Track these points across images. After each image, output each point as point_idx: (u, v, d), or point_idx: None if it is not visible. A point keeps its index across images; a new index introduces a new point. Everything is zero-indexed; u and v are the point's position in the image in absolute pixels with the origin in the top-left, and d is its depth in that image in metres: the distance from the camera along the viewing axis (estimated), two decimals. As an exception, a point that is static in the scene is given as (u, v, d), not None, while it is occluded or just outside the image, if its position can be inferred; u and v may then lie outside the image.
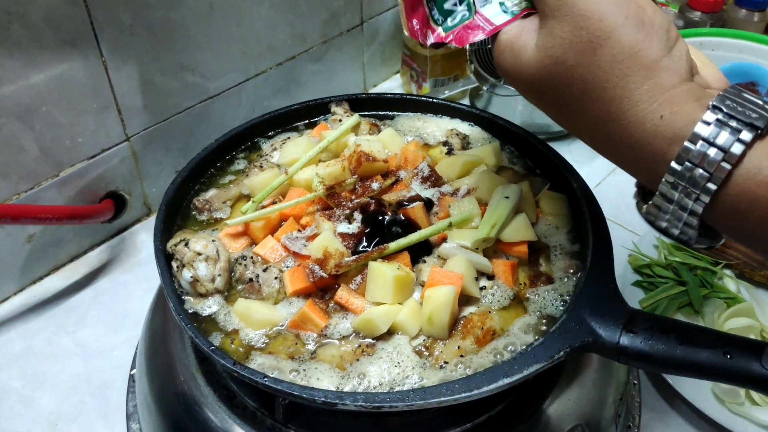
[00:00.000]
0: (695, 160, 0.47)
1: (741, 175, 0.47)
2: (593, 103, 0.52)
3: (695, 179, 0.48)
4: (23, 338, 1.00)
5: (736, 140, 0.46)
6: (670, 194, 0.50)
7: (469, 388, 0.59)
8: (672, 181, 0.49)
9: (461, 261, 0.72)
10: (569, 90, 0.53)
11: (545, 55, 0.53)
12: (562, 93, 0.53)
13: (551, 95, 0.55)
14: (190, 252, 0.74)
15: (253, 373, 0.62)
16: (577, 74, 0.52)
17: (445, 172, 0.85)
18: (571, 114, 0.55)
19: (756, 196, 0.46)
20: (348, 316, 0.71)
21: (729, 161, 0.46)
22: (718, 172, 0.47)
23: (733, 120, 0.47)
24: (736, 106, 0.47)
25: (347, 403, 0.59)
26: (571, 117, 0.55)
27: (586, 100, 0.52)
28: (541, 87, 0.55)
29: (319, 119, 0.98)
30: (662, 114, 0.49)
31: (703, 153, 0.47)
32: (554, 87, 0.53)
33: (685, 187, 0.48)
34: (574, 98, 0.53)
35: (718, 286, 1.00)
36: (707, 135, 0.47)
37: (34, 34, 0.90)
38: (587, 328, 0.63)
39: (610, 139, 0.52)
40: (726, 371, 0.57)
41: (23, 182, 0.98)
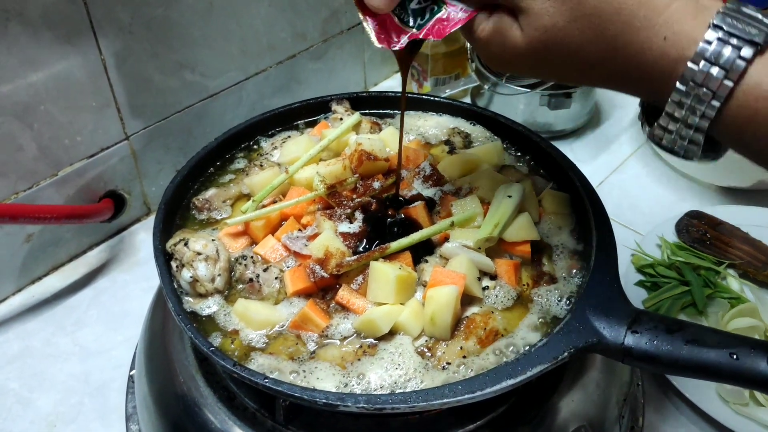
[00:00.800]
0: (699, 80, 0.49)
1: (742, 90, 0.48)
2: (596, 48, 0.53)
3: (700, 97, 0.49)
4: (21, 338, 0.99)
5: (738, 57, 0.48)
6: (677, 113, 0.51)
7: (472, 389, 0.58)
8: (678, 100, 0.50)
9: (464, 261, 0.71)
10: (567, 48, 0.54)
11: (534, 29, 0.54)
12: (560, 54, 0.55)
13: (549, 61, 0.56)
14: (189, 252, 0.73)
15: (254, 375, 0.61)
16: (570, 32, 0.53)
17: (447, 171, 0.85)
18: (574, 68, 0.56)
19: (755, 110, 0.48)
20: (349, 316, 0.70)
21: (731, 78, 0.48)
22: (721, 89, 0.48)
23: (733, 38, 0.48)
24: (736, 23, 0.49)
25: (349, 405, 0.58)
26: (574, 71, 0.56)
27: (587, 49, 0.53)
28: (538, 58, 0.56)
29: (319, 118, 0.97)
30: (665, 35, 0.50)
31: (707, 72, 0.48)
32: (551, 53, 0.55)
33: (690, 105, 0.50)
34: (573, 54, 0.54)
35: (722, 286, 0.99)
36: (709, 54, 0.48)
37: (32, 32, 0.89)
38: (591, 329, 0.63)
39: (617, 74, 0.54)
40: (733, 372, 0.57)
41: (22, 181, 0.98)
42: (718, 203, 1.19)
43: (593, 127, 1.39)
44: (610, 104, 1.44)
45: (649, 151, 1.32)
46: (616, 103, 1.44)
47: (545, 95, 1.27)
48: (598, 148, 1.34)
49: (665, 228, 1.10)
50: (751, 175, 1.16)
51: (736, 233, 1.08)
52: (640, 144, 1.34)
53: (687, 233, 1.07)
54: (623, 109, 1.43)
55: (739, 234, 1.07)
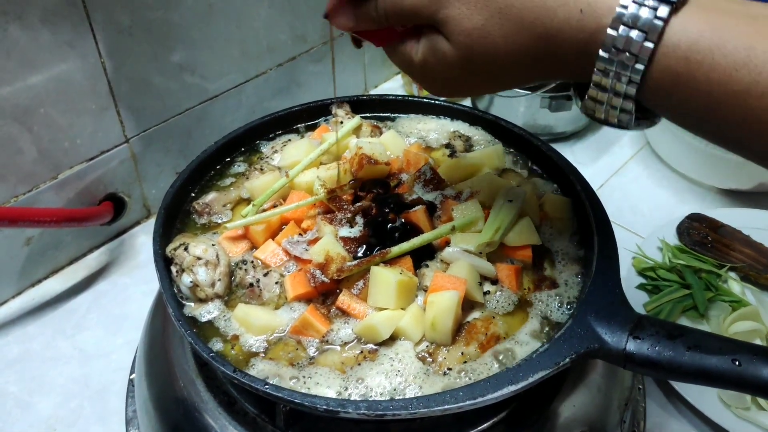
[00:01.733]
0: (620, 45, 0.49)
1: (663, 52, 0.48)
2: (519, 39, 0.53)
3: (623, 62, 0.49)
4: (21, 342, 0.99)
5: (654, 18, 0.48)
6: (604, 82, 0.51)
7: (473, 395, 0.58)
8: (603, 68, 0.50)
9: (464, 265, 0.71)
10: (494, 47, 0.55)
11: (458, 35, 0.55)
12: (490, 55, 0.55)
13: (485, 66, 0.57)
14: (189, 256, 0.73)
15: (254, 380, 0.61)
16: (491, 29, 0.54)
17: (448, 174, 0.84)
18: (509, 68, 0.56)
19: (677, 73, 0.48)
20: (350, 321, 0.70)
21: (651, 40, 0.48)
22: (642, 52, 0.48)
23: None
24: None
25: (349, 411, 0.58)
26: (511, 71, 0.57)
27: (512, 43, 0.54)
28: (473, 65, 0.57)
29: (319, 121, 0.97)
30: (581, 8, 0.51)
31: (626, 36, 0.49)
32: (482, 56, 0.56)
33: (615, 72, 0.50)
34: (501, 51, 0.54)
35: (723, 290, 0.99)
36: (627, 18, 0.48)
37: (31, 35, 0.89)
38: (593, 334, 0.62)
39: (547, 61, 0.54)
40: (735, 379, 0.56)
41: (21, 185, 0.97)
42: (719, 206, 1.19)
43: (594, 129, 1.38)
44: (611, 106, 1.44)
45: (649, 154, 1.32)
46: (616, 105, 1.44)
47: (546, 97, 1.27)
48: (599, 151, 1.34)
49: (666, 231, 1.09)
50: (752, 177, 1.16)
51: (737, 236, 1.07)
52: (641, 146, 1.34)
53: (688, 236, 1.07)
54: (624, 111, 1.42)
55: (740, 237, 1.07)
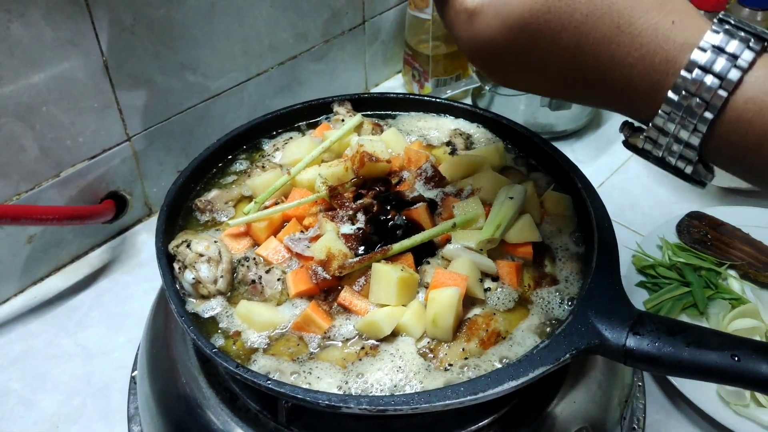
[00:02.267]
0: (706, 67, 0.47)
1: (750, 83, 0.47)
2: (600, 21, 0.50)
3: (705, 88, 0.47)
4: (24, 339, 0.99)
5: (746, 48, 0.47)
6: (675, 110, 0.49)
7: (474, 391, 0.58)
8: (679, 93, 0.48)
9: (465, 262, 0.71)
10: (572, 16, 0.50)
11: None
12: (562, 25, 0.50)
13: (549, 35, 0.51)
14: (192, 253, 0.73)
15: (256, 376, 0.61)
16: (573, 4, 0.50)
17: (449, 172, 0.85)
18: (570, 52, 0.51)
19: (764, 104, 0.46)
20: (351, 317, 0.70)
21: (740, 68, 0.47)
22: (727, 80, 0.47)
23: (740, 31, 0.48)
24: (740, 21, 0.48)
25: (351, 406, 0.58)
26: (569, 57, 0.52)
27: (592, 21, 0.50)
28: (536, 30, 0.51)
29: (321, 119, 0.97)
30: (673, 20, 0.49)
31: (714, 59, 0.47)
32: (553, 21, 0.50)
33: (693, 97, 0.47)
34: (576, 26, 0.50)
35: (723, 287, 0.99)
36: (718, 43, 0.47)
37: (34, 33, 0.89)
38: (593, 330, 0.63)
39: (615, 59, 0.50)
40: (734, 374, 0.57)
41: (24, 182, 0.98)
42: (719, 204, 1.19)
43: (594, 127, 1.39)
44: (611, 105, 1.44)
45: (649, 152, 1.32)
46: (616, 103, 1.44)
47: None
48: (599, 149, 1.34)
49: (666, 229, 1.10)
50: (751, 176, 1.16)
51: (736, 234, 1.08)
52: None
53: (688, 234, 1.08)
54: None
55: (740, 235, 1.08)
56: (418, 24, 1.36)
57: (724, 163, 0.51)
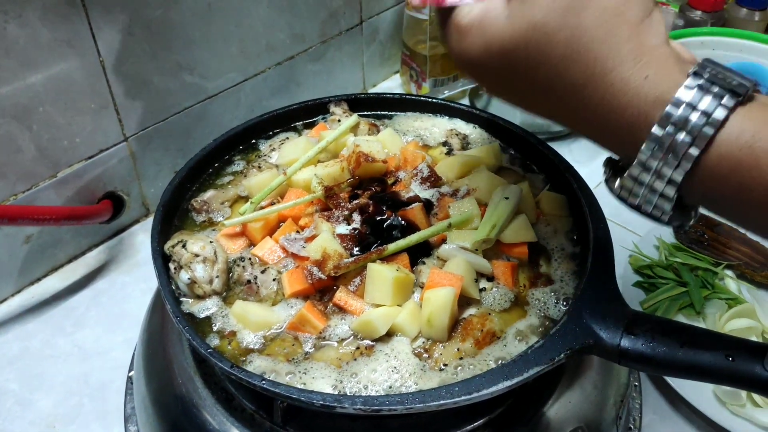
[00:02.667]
0: (678, 124, 0.46)
1: (723, 140, 0.46)
2: (575, 66, 0.50)
3: (677, 145, 0.47)
4: (21, 339, 0.99)
5: (719, 105, 0.46)
6: (649, 163, 0.49)
7: (469, 391, 0.59)
8: (652, 147, 0.48)
9: (461, 262, 0.71)
10: (549, 56, 0.50)
11: (523, 23, 0.50)
12: (539, 61, 0.51)
13: (525, 67, 0.52)
14: (187, 253, 0.73)
15: (251, 376, 0.61)
16: (560, 37, 0.50)
17: (445, 172, 0.85)
18: (546, 86, 0.52)
19: (738, 161, 0.46)
20: (346, 318, 0.70)
21: (712, 125, 0.46)
22: (700, 137, 0.46)
23: (715, 86, 0.47)
24: (716, 73, 0.47)
25: (346, 406, 0.58)
26: (545, 90, 0.53)
27: (567, 64, 0.50)
28: (514, 60, 0.52)
29: (317, 119, 0.97)
30: (647, 74, 0.48)
31: (686, 117, 0.46)
32: (531, 56, 0.51)
33: (665, 153, 0.47)
34: (553, 65, 0.51)
35: (719, 287, 0.99)
36: (690, 99, 0.46)
37: (31, 34, 0.89)
38: (588, 330, 0.63)
39: (589, 105, 0.51)
40: (728, 374, 0.57)
41: (21, 183, 0.98)
42: (716, 204, 1.19)
43: (592, 128, 1.38)
44: (609, 105, 1.44)
45: (647, 152, 1.32)
46: (614, 104, 1.44)
47: (543, 96, 1.27)
48: (596, 150, 1.30)
49: (663, 229, 1.09)
50: (748, 176, 1.16)
51: (733, 234, 1.08)
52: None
53: (685, 234, 1.08)
54: (622, 110, 1.42)
55: (737, 235, 1.08)
56: (415, 24, 1.36)
57: (707, 209, 0.51)
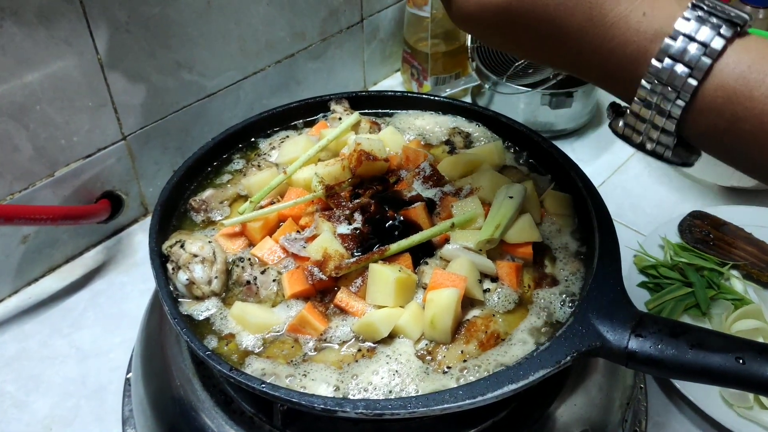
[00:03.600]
0: (676, 56, 0.47)
1: (720, 70, 0.47)
2: (574, 11, 0.51)
3: (675, 77, 0.47)
4: (17, 340, 0.98)
5: (717, 35, 0.47)
6: (649, 97, 0.50)
7: (473, 394, 0.57)
8: (651, 82, 0.49)
9: (464, 263, 0.70)
10: (546, 5, 0.51)
11: None
12: (536, 12, 0.52)
13: (523, 19, 0.53)
14: (185, 254, 0.72)
15: (250, 379, 0.60)
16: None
17: (447, 171, 0.83)
18: (545, 34, 0.53)
19: (732, 91, 0.47)
20: (348, 319, 0.69)
21: (710, 56, 0.47)
22: (698, 68, 0.47)
23: (713, 17, 0.48)
24: (714, 5, 0.48)
25: (347, 411, 0.57)
26: (545, 37, 0.54)
27: (564, 11, 0.51)
28: (512, 13, 0.53)
29: (318, 117, 0.96)
30: (644, 11, 0.49)
31: (684, 48, 0.47)
32: (526, 7, 0.52)
33: (664, 86, 0.48)
34: (550, 13, 0.52)
35: (725, 288, 0.98)
36: (689, 31, 0.47)
37: (27, 31, 0.88)
38: (594, 332, 0.62)
39: (588, 48, 0.52)
40: (739, 377, 0.56)
41: (17, 182, 0.97)
42: (721, 203, 1.18)
43: (594, 126, 1.37)
44: (612, 103, 1.43)
45: (651, 151, 1.31)
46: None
47: (546, 94, 1.26)
48: (600, 148, 1.33)
49: (668, 228, 1.08)
50: (754, 174, 1.15)
51: (739, 234, 1.07)
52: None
53: (690, 234, 1.06)
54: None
55: (743, 234, 1.06)
56: (417, 22, 1.35)
57: (702, 147, 0.52)
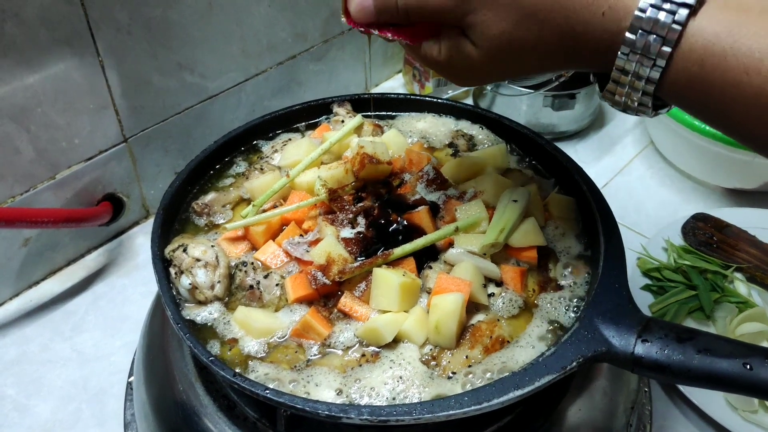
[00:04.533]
0: (647, 27, 0.50)
1: (680, 56, 0.50)
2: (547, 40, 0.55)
3: (649, 45, 0.50)
4: (18, 344, 0.97)
5: (673, 22, 0.49)
6: (622, 80, 0.53)
7: (479, 400, 0.57)
8: (627, 52, 0.51)
9: (469, 267, 0.70)
10: (522, 48, 0.56)
11: (485, 40, 0.57)
12: (517, 55, 0.57)
13: (510, 63, 0.58)
14: (188, 258, 0.72)
15: (254, 385, 0.60)
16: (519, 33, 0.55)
17: (451, 174, 0.83)
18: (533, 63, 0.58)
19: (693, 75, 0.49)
20: (352, 324, 0.69)
21: (669, 44, 0.49)
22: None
23: (666, 3, 0.49)
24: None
25: (352, 417, 0.57)
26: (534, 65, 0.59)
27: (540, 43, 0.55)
28: (498, 63, 0.58)
29: (320, 120, 0.96)
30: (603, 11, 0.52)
31: (645, 39, 0.50)
32: (509, 55, 0.57)
33: (640, 55, 0.51)
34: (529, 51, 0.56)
35: (729, 290, 0.98)
36: (645, 22, 0.50)
37: (28, 33, 0.87)
38: (600, 337, 0.61)
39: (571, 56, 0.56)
40: (746, 383, 0.55)
41: (18, 185, 0.96)
42: (724, 205, 1.18)
43: (597, 128, 1.37)
44: (614, 105, 1.43)
45: (653, 153, 1.30)
46: (619, 103, 1.43)
47: (548, 96, 1.25)
48: (602, 150, 1.32)
49: (671, 231, 1.08)
50: (757, 176, 1.15)
51: (742, 236, 1.06)
52: (645, 145, 1.32)
53: (693, 236, 1.06)
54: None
55: (746, 237, 1.06)
56: (418, 23, 1.34)
57: (681, 106, 0.53)
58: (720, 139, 1.10)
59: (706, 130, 1.11)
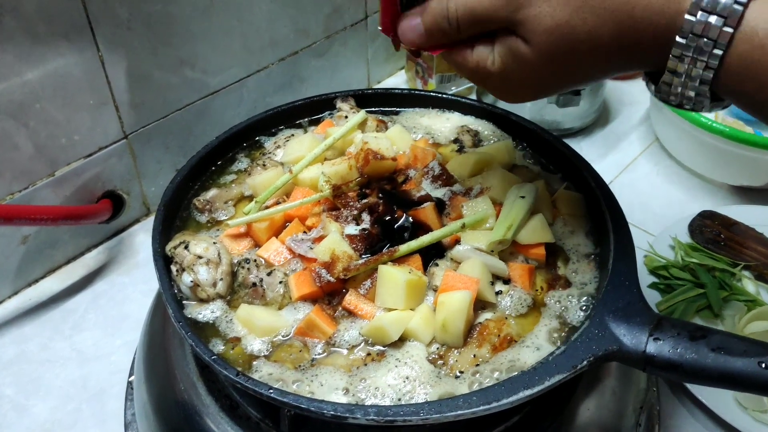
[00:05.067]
0: (698, 30, 0.49)
1: (741, 39, 0.49)
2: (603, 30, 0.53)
3: (701, 48, 0.50)
4: (17, 343, 0.96)
5: (734, 3, 0.48)
6: (679, 68, 0.52)
7: (488, 400, 0.56)
8: (679, 54, 0.51)
9: (476, 264, 0.68)
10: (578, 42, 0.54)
11: (539, 35, 0.55)
12: (574, 51, 0.55)
13: (568, 63, 0.56)
14: (190, 255, 0.71)
15: (258, 385, 0.58)
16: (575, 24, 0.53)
17: (457, 170, 0.82)
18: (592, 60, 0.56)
19: (753, 60, 0.48)
20: (357, 322, 0.67)
21: (730, 25, 0.48)
22: (721, 37, 0.49)
23: None
24: None
25: (358, 417, 0.56)
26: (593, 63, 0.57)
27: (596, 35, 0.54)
28: (556, 64, 0.56)
29: (323, 116, 0.95)
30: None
31: (705, 22, 0.49)
32: (565, 52, 0.55)
33: (692, 57, 0.50)
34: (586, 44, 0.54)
35: (738, 288, 0.96)
36: (706, 3, 0.49)
37: (27, 28, 0.86)
38: (611, 336, 0.60)
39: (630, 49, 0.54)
40: (762, 382, 0.54)
41: (17, 182, 0.95)
42: (732, 203, 1.17)
43: (602, 125, 1.36)
44: (619, 102, 1.42)
45: (659, 150, 1.29)
46: (624, 100, 1.42)
47: (553, 92, 1.24)
48: (607, 147, 1.31)
49: (678, 228, 1.07)
50: (765, 173, 1.14)
51: (750, 234, 1.05)
52: (650, 142, 1.31)
53: (700, 234, 1.05)
54: (632, 107, 1.40)
55: (754, 234, 1.05)
56: (421, 19, 1.33)
57: (736, 97, 0.52)
58: (727, 135, 1.09)
59: (712, 127, 1.10)
